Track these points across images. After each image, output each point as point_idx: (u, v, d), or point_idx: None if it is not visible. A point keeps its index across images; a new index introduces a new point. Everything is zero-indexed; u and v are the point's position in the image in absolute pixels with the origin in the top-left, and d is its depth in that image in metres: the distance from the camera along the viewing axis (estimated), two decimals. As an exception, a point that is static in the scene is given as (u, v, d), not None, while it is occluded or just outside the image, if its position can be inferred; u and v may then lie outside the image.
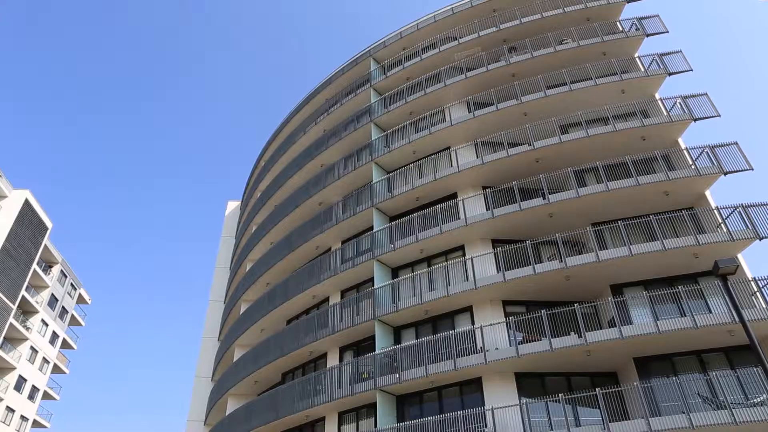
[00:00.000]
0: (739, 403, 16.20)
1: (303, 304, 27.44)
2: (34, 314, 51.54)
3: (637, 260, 19.33)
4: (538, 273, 19.71)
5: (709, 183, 21.01)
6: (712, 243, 18.78)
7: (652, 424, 15.95)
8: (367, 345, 23.30)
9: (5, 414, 47.54)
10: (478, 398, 19.40)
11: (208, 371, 35.44)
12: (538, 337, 18.86)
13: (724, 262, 12.30)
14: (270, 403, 24.86)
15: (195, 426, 33.53)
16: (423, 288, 21.79)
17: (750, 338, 11.59)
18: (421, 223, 23.33)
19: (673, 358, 18.89)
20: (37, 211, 49.74)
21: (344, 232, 27.28)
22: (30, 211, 48.65)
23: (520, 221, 21.93)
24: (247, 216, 38.57)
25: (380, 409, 20.05)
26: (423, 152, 26.84)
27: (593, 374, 19.78)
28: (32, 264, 49.11)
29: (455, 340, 19.73)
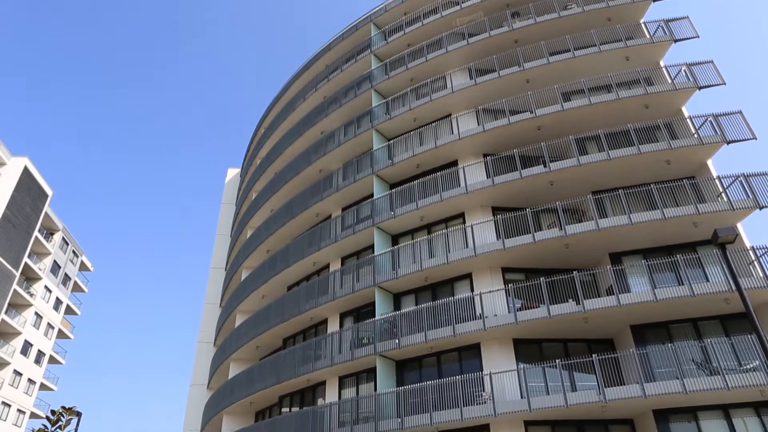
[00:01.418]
0: (732, 369, 16.50)
1: (303, 270, 27.65)
2: (37, 281, 51.99)
3: (636, 229, 19.38)
4: (538, 241, 19.79)
5: (711, 152, 20.90)
6: (712, 212, 18.80)
7: (646, 389, 16.28)
8: (367, 311, 23.57)
9: (13, 377, 48.47)
10: (476, 364, 19.73)
11: (210, 337, 35.94)
12: (537, 304, 19.05)
13: (724, 231, 12.33)
14: (271, 367, 25.29)
15: (198, 390, 34.21)
16: (423, 255, 21.92)
17: (746, 306, 11.70)
18: (421, 190, 23.31)
19: (669, 326, 19.15)
20: (36, 178, 49.64)
21: (344, 199, 27.28)
22: (29, 179, 48.56)
23: (520, 189, 21.90)
24: (247, 183, 38.52)
25: (380, 373, 20.41)
26: (424, 119, 26.63)
27: (590, 341, 20.07)
28: (33, 231, 49.27)
29: (454, 306, 19.95)
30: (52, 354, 55.24)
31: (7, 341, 47.95)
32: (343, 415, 20.98)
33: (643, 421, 18.05)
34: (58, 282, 55.90)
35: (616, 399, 16.50)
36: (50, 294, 54.40)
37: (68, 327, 59.02)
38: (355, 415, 20.69)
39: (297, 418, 22.69)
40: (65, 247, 57.29)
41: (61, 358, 57.58)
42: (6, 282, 45.31)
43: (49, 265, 53.62)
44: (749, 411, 17.01)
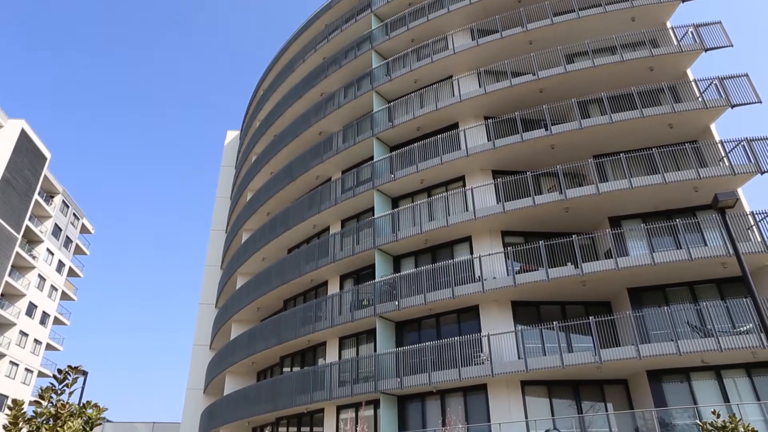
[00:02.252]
0: (726, 331, 16.74)
1: (304, 233, 27.77)
2: (39, 243, 52.28)
3: (637, 193, 19.36)
4: (538, 204, 19.80)
5: (715, 116, 20.69)
6: (713, 177, 18.75)
7: (641, 350, 16.56)
8: (367, 273, 23.77)
9: (20, 338, 49.30)
10: (474, 325, 20.01)
11: (211, 298, 36.36)
12: (536, 267, 19.20)
13: (724, 196, 12.31)
14: (272, 328, 25.69)
15: (201, 350, 34.82)
16: (423, 218, 21.96)
17: (743, 270, 11.79)
18: (421, 153, 23.19)
19: (665, 289, 19.34)
20: (34, 140, 49.32)
21: (344, 162, 27.18)
22: (27, 141, 48.24)
23: (521, 152, 21.78)
24: (246, 146, 38.30)
25: (380, 334, 20.73)
26: (424, 81, 26.27)
27: (587, 303, 20.31)
28: (33, 194, 49.26)
29: (454, 269, 20.11)
30: (56, 315, 56.01)
31: (12, 303, 48.56)
32: (344, 375, 21.43)
33: (637, 381, 18.44)
34: (60, 245, 56.20)
35: (611, 360, 16.82)
36: (52, 257, 54.78)
37: (72, 289, 59.65)
38: (355, 374, 21.12)
39: (298, 377, 23.18)
40: (66, 209, 57.37)
41: (66, 320, 58.41)
42: (8, 245, 45.57)
43: (50, 227, 53.81)
44: (740, 372, 17.36)
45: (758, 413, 16.33)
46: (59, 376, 7.00)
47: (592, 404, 18.72)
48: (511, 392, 18.34)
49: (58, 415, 6.64)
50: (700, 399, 17.08)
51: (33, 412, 6.86)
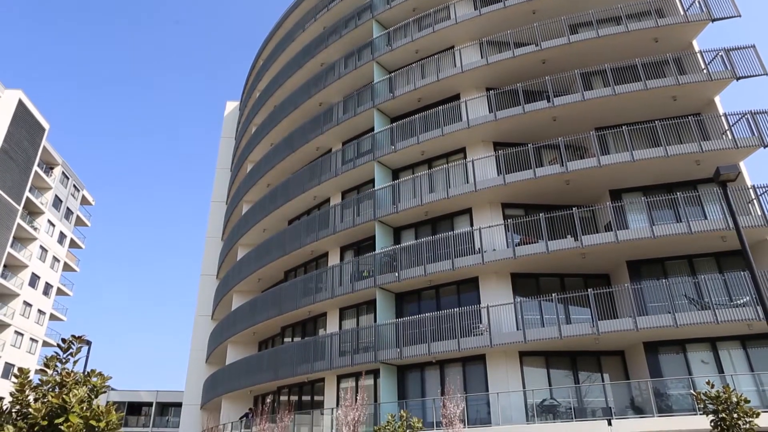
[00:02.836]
0: (723, 304, 16.89)
1: (304, 204, 27.78)
2: (40, 215, 52.37)
3: (638, 166, 19.29)
4: (539, 177, 19.75)
5: (719, 88, 20.48)
6: (716, 150, 18.66)
7: (638, 322, 16.75)
8: (367, 245, 23.87)
9: (24, 308, 49.84)
10: (474, 297, 20.18)
11: (213, 269, 36.58)
12: (536, 239, 19.26)
13: (726, 169, 12.24)
14: (273, 299, 25.92)
15: (203, 320, 35.21)
16: (423, 190, 21.94)
17: (742, 243, 11.81)
18: (422, 124, 23.03)
19: (664, 262, 19.45)
20: (31, 111, 48.95)
21: (345, 133, 27.02)
22: (25, 112, 47.88)
23: (523, 124, 21.63)
24: (246, 117, 38.02)
25: (380, 305, 20.93)
26: (426, 51, 25.90)
27: (586, 276, 20.44)
28: (33, 166, 49.13)
29: (454, 241, 20.18)
30: (59, 286, 56.47)
31: (15, 274, 48.92)
32: (344, 345, 21.71)
33: (634, 352, 18.70)
34: (61, 216, 56.30)
35: (608, 332, 17.02)
36: (54, 228, 54.94)
37: (74, 260, 60.00)
38: (355, 344, 21.40)
39: (299, 347, 23.49)
40: (66, 181, 57.30)
41: (69, 290, 58.91)
42: (9, 216, 45.66)
43: (50, 199, 53.84)
44: (736, 344, 17.59)
45: (751, 383, 16.62)
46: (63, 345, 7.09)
47: (588, 375, 19.01)
48: (509, 363, 18.61)
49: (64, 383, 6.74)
50: (695, 370, 17.34)
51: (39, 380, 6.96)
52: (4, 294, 47.81)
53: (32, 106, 49.05)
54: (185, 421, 32.72)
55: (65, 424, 6.16)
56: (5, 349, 46.82)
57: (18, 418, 6.61)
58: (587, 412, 17.25)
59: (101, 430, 6.35)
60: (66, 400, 6.37)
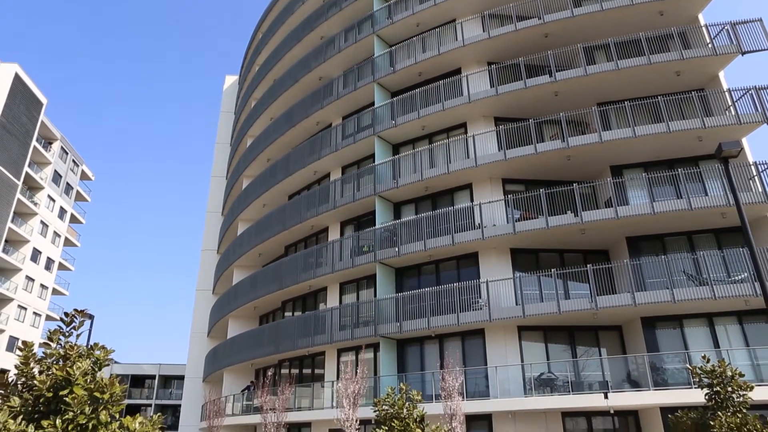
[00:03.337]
0: (721, 280, 16.98)
1: (304, 179, 27.74)
2: (40, 190, 52.33)
3: (640, 142, 19.19)
4: (540, 152, 19.66)
5: (724, 63, 20.23)
6: (718, 126, 18.53)
7: (636, 297, 16.85)
8: (367, 220, 23.91)
9: (26, 282, 50.16)
10: (473, 272, 20.28)
11: (213, 244, 36.71)
12: (536, 215, 19.27)
13: (728, 145, 12.19)
14: (274, 274, 26.07)
15: (204, 295, 35.46)
16: (423, 165, 21.88)
17: (742, 219, 11.83)
18: (423, 99, 22.84)
19: (664, 238, 19.49)
20: (29, 85, 48.49)
21: (345, 108, 26.82)
22: (22, 86, 47.43)
23: (524, 99, 21.45)
24: (245, 91, 37.68)
25: (380, 280, 21.05)
26: (427, 25, 25.52)
27: (586, 251, 20.51)
28: (31, 140, 48.88)
29: (454, 216, 20.19)
30: (61, 261, 56.71)
31: (16, 249, 49.11)
32: (344, 319, 21.91)
33: (631, 327, 18.87)
34: (61, 191, 56.24)
35: (607, 307, 17.14)
36: (54, 203, 54.93)
37: (74, 235, 60.13)
38: (355, 319, 21.59)
39: (299, 321, 23.72)
40: (65, 156, 57.08)
41: (70, 265, 59.18)
42: (9, 191, 45.62)
43: (50, 174, 53.71)
44: (732, 319, 17.74)
45: (746, 358, 16.81)
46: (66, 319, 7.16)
47: (586, 349, 19.23)
48: (508, 337, 18.80)
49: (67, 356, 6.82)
50: (692, 345, 17.53)
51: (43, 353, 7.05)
52: (7, 269, 48.07)
53: (29, 80, 48.58)
54: (188, 394, 33.22)
55: (70, 396, 6.25)
56: (9, 323, 47.28)
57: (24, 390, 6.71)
58: (584, 386, 17.49)
59: (105, 402, 6.46)
60: (70, 373, 6.46)
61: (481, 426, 18.09)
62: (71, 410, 6.20)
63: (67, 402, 6.25)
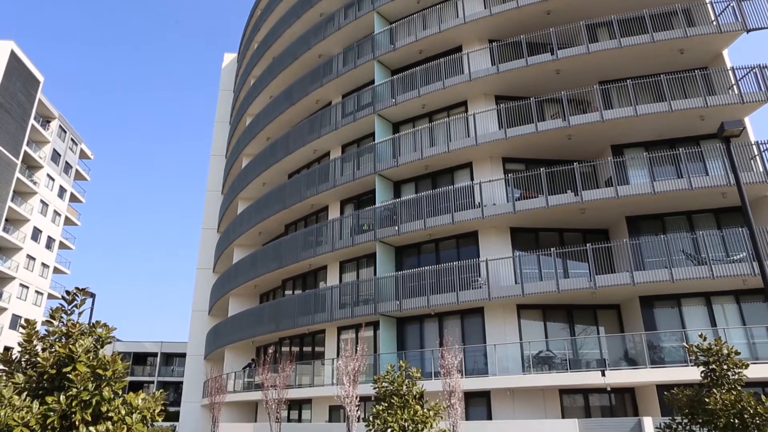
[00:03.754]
0: (719, 260, 17.06)
1: (304, 158, 27.66)
2: (39, 169, 52.21)
3: (641, 121, 19.09)
4: (540, 131, 19.57)
5: (729, 41, 20.01)
6: (721, 105, 18.42)
7: (635, 277, 16.94)
8: (367, 198, 23.91)
9: (27, 261, 50.36)
10: (473, 250, 20.35)
11: (213, 223, 36.75)
12: (536, 194, 19.26)
13: (730, 125, 12.11)
14: (274, 252, 26.15)
15: (204, 273, 35.62)
16: (424, 143, 21.79)
17: (742, 198, 11.82)
18: (423, 77, 22.64)
19: (664, 218, 19.52)
20: (25, 63, 48.00)
21: (345, 86, 26.61)
22: (18, 64, 46.95)
23: (525, 77, 21.26)
24: (244, 69, 37.32)
25: (380, 258, 21.13)
26: (428, 1, 25.15)
27: (585, 231, 20.55)
28: (29, 119, 48.58)
29: (454, 195, 20.19)
30: (61, 240, 56.84)
31: (17, 228, 49.21)
32: (344, 298, 22.05)
33: (629, 306, 19.01)
34: (60, 170, 56.11)
35: (605, 286, 17.25)
36: (53, 182, 54.86)
37: (74, 214, 60.17)
38: (355, 297, 21.73)
39: (300, 299, 23.87)
40: (63, 135, 56.81)
41: (71, 244, 59.34)
42: (8, 170, 45.50)
43: (48, 153, 53.52)
44: (730, 299, 17.85)
45: (742, 337, 16.96)
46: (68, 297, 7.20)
47: (584, 328, 19.39)
48: (506, 315, 18.95)
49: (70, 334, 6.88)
50: (689, 324, 17.68)
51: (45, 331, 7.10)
52: (7, 247, 48.21)
53: (25, 57, 48.07)
54: (189, 371, 33.59)
55: (73, 373, 6.32)
56: (11, 302, 47.59)
57: (27, 367, 6.79)
58: (582, 364, 17.68)
59: (108, 379, 6.53)
60: (73, 350, 6.51)
61: (480, 403, 18.34)
62: (75, 387, 6.27)
63: (70, 379, 6.32)
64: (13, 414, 5.91)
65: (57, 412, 6.18)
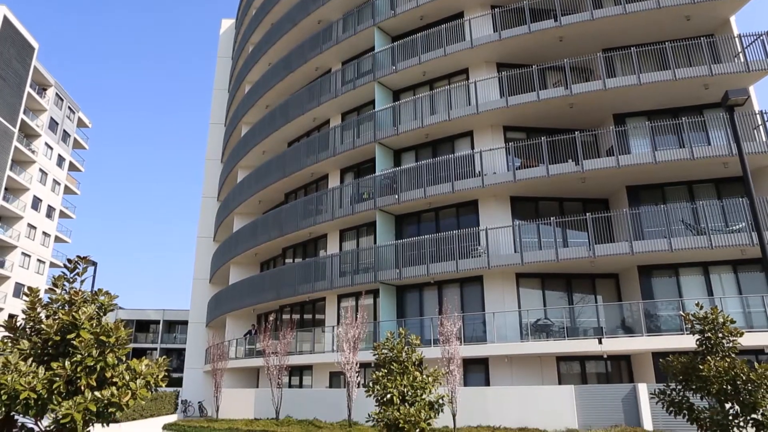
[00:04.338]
0: (719, 230, 17.10)
1: (303, 126, 27.46)
2: (37, 138, 51.87)
3: (644, 89, 18.87)
4: (542, 99, 19.37)
5: (736, 7, 19.62)
6: (726, 74, 18.17)
7: (634, 246, 17.01)
8: (367, 167, 23.83)
9: (28, 230, 50.52)
10: (473, 219, 20.40)
11: (213, 192, 36.71)
12: (536, 163, 19.19)
13: (735, 93, 11.97)
14: (274, 221, 26.21)
15: (204, 242, 35.76)
16: (424, 111, 21.61)
17: (744, 168, 11.76)
18: (424, 43, 22.29)
19: (664, 188, 19.49)
20: (18, 29, 47.15)
21: (344, 53, 26.21)
22: (11, 30, 46.12)
23: (528, 44, 20.92)
24: (242, 35, 36.70)
25: (380, 227, 21.19)
26: (429, -34, 24.56)
27: (585, 200, 20.54)
28: (25, 86, 48.01)
29: (454, 163, 20.12)
30: (61, 209, 56.87)
31: (16, 197, 49.20)
32: (344, 266, 22.19)
33: (627, 275, 19.14)
34: (58, 139, 55.76)
35: (604, 255, 17.34)
36: (52, 151, 54.57)
37: (74, 183, 60.06)
38: (355, 265, 21.87)
39: (300, 267, 24.03)
40: (60, 103, 56.24)
41: (71, 213, 59.39)
42: (5, 138, 45.20)
43: (46, 121, 53.09)
44: (727, 268, 17.98)
45: (738, 306, 17.14)
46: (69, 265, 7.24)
47: (582, 296, 19.57)
48: (505, 284, 19.10)
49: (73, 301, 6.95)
50: (686, 293, 17.84)
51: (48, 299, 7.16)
52: (8, 216, 48.30)
53: (18, 23, 47.20)
54: (192, 338, 34.05)
55: (77, 340, 6.42)
56: (14, 270, 47.92)
57: (32, 334, 6.88)
58: (579, 332, 17.91)
59: (111, 345, 6.63)
60: (76, 317, 6.59)
61: (478, 369, 18.66)
62: (79, 353, 6.37)
63: (74, 345, 6.41)
64: (20, 379, 6.02)
65: (62, 377, 6.29)
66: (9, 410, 6.23)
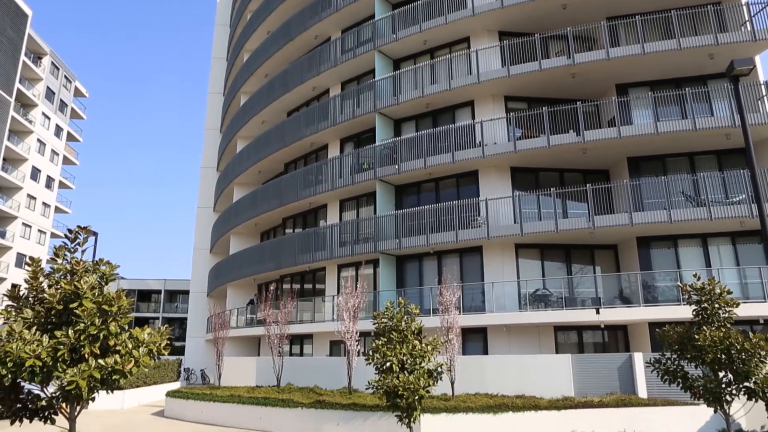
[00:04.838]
0: (718, 201, 17.10)
1: (303, 95, 27.19)
2: (34, 107, 51.41)
3: (648, 59, 18.60)
4: (544, 69, 19.11)
5: (744, -28, 19.20)
6: (732, 43, 17.88)
7: (634, 217, 17.03)
8: (367, 137, 23.69)
9: (28, 201, 50.51)
10: (473, 190, 20.37)
11: (213, 162, 36.59)
12: (537, 133, 19.06)
13: (740, 63, 11.81)
14: (274, 191, 26.18)
15: (205, 212, 35.81)
16: (425, 81, 21.36)
17: (746, 139, 11.69)
18: (425, 11, 21.88)
19: (665, 159, 19.41)
20: (11, -5, 46.26)
21: (344, 20, 25.75)
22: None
23: (530, 11, 20.51)
24: (240, 2, 36.02)
25: (379, 197, 21.18)
26: (431, -71, 23.95)
27: (586, 171, 20.48)
28: (20, 55, 47.31)
29: (455, 133, 19.99)
30: (61, 179, 56.74)
31: (15, 167, 49.05)
32: (344, 236, 22.26)
33: (626, 246, 19.22)
34: (55, 108, 55.27)
35: (604, 226, 17.36)
36: (49, 121, 54.14)
37: (72, 153, 59.79)
38: (355, 235, 21.94)
39: (300, 238, 24.11)
40: (56, 72, 55.55)
41: (71, 183, 59.28)
42: (2, 109, 44.77)
43: (42, 91, 52.52)
44: (726, 240, 18.03)
45: (735, 277, 17.25)
46: (70, 235, 7.28)
47: (581, 267, 19.69)
48: (505, 254, 19.19)
49: (74, 271, 7.00)
50: (684, 264, 17.94)
51: (50, 269, 7.21)
52: (8, 187, 48.24)
53: (11, -12, 46.27)
54: (193, 308, 34.40)
55: (80, 309, 6.49)
56: (15, 240, 48.09)
57: (35, 303, 6.95)
58: (577, 302, 18.07)
59: (114, 314, 6.71)
60: (78, 287, 6.65)
61: (477, 339, 18.89)
62: (82, 322, 6.46)
63: (77, 314, 6.49)
64: (25, 347, 6.11)
65: (66, 345, 6.38)
66: (15, 377, 6.34)
